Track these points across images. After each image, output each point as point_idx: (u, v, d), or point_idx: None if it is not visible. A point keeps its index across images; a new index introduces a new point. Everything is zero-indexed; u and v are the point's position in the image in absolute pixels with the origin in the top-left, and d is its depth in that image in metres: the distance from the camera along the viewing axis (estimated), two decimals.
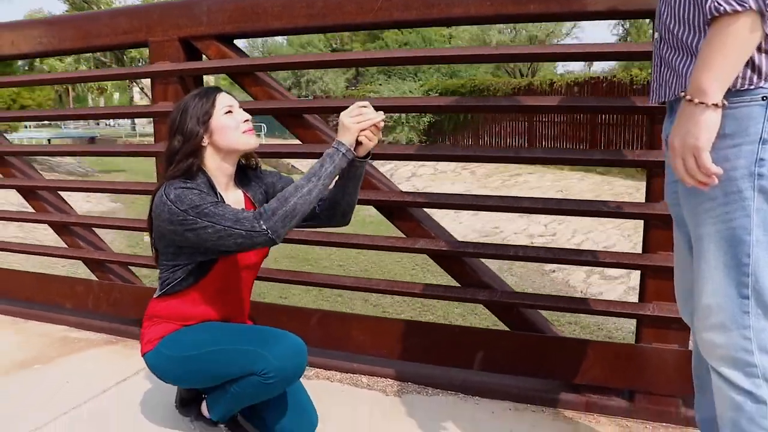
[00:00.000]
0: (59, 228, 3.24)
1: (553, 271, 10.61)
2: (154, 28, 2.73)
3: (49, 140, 33.99)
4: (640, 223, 2.13)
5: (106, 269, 3.16)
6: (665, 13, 1.34)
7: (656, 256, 2.08)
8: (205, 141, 1.84)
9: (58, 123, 42.89)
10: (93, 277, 3.26)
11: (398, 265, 10.73)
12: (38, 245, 3.64)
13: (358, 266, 10.37)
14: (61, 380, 2.61)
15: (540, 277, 10.71)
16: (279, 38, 45.03)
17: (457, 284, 2.39)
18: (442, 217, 15.22)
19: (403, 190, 2.43)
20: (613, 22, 35.69)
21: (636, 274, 2.23)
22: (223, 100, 1.87)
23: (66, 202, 3.33)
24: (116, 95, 56.00)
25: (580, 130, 16.56)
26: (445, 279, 2.51)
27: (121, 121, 52.22)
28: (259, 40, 42.88)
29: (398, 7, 2.27)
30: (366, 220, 11.13)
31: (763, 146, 1.20)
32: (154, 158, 2.82)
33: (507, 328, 2.37)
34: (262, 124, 30.27)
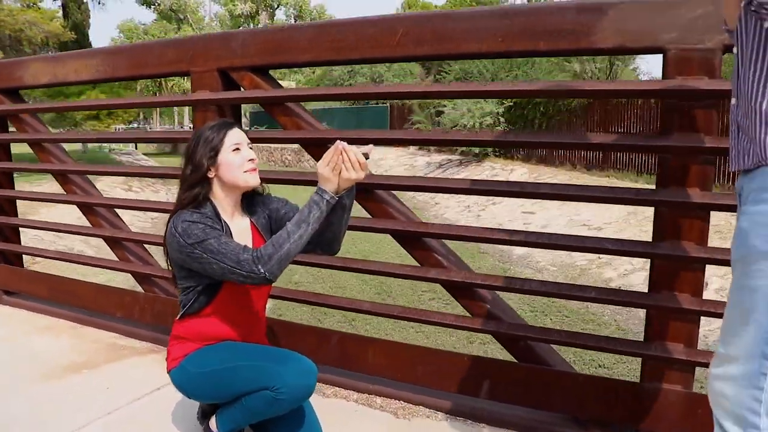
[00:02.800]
0: (111, 242, 3.47)
1: (618, 288, 10.34)
2: (195, 59, 2.90)
3: (136, 145, 35.65)
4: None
5: (152, 283, 3.37)
6: (740, 78, 1.31)
7: (659, 295, 2.07)
8: (212, 173, 1.99)
9: (144, 127, 44.95)
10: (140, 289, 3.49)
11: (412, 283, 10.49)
12: (94, 257, 3.90)
13: (375, 282, 9.99)
14: (103, 386, 2.83)
15: None
16: None
17: (468, 314, 2.44)
18: (508, 225, 15.09)
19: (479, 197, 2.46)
20: None
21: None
22: (232, 138, 2.00)
23: (120, 218, 3.57)
24: None
25: None
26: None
27: None
28: None
29: (413, 42, 2.35)
30: None
31: None
32: None
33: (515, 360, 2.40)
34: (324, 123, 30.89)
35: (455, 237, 2.38)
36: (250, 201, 2.15)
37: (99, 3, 32.24)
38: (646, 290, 2.15)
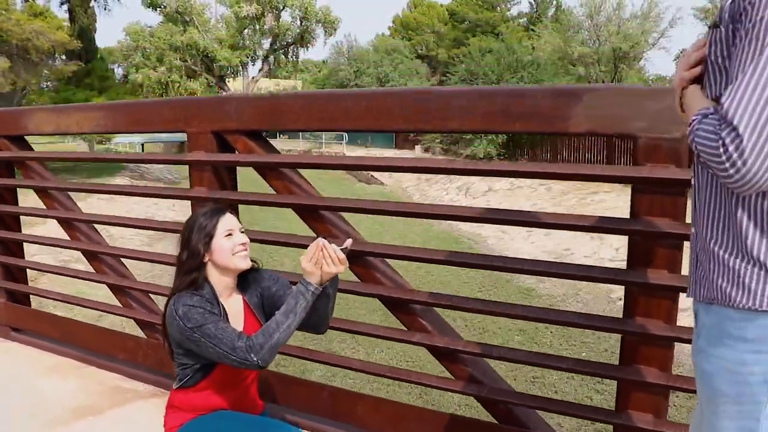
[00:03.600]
0: (115, 289, 3.60)
1: (620, 299, 10.44)
2: (190, 119, 3.02)
3: (142, 145, 35.96)
4: None
5: (154, 329, 3.50)
6: (697, 212, 1.36)
7: (630, 368, 2.18)
8: (207, 258, 2.12)
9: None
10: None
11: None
12: (99, 302, 4.02)
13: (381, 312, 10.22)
14: None
15: (606, 305, 10.70)
16: (363, 43, 46.50)
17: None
18: (514, 237, 15.11)
19: (479, 205, 2.58)
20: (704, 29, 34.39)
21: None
22: (225, 224, 2.13)
23: (125, 266, 3.70)
24: None
25: None
26: None
27: None
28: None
29: (402, 118, 2.46)
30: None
31: None
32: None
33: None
34: (345, 134, 31.28)
35: (441, 305, 2.50)
36: (243, 278, 2.27)
37: (105, 9, 32.59)
38: None
